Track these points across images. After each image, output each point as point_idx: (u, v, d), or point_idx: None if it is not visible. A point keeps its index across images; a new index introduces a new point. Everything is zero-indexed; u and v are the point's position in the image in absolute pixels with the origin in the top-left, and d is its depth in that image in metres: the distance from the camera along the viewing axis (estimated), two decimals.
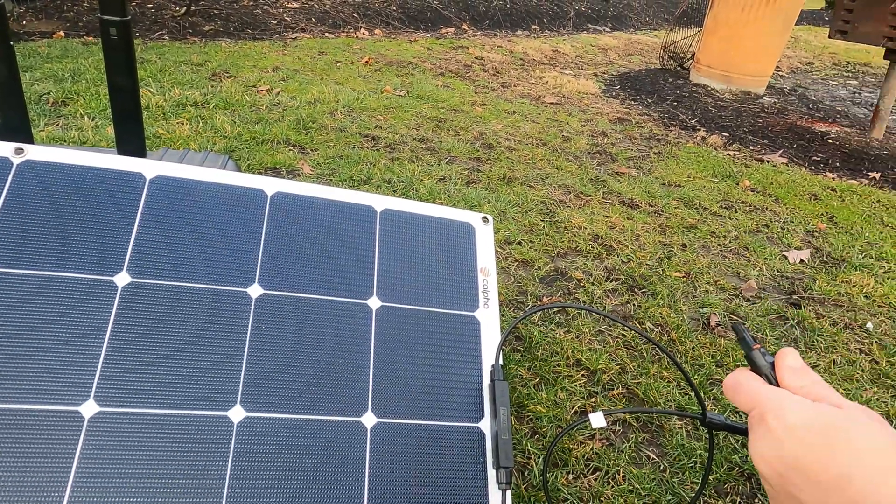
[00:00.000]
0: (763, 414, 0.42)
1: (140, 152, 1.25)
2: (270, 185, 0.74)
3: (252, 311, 0.66)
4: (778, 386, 0.45)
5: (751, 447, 0.43)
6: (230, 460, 0.59)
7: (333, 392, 0.66)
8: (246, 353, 0.64)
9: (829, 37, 3.42)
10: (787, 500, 0.40)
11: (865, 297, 1.76)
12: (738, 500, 1.04)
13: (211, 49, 3.52)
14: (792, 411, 0.41)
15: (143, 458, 0.57)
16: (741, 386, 0.46)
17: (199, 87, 2.79)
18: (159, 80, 2.80)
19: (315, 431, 0.63)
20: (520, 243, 1.80)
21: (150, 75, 2.85)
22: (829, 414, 0.40)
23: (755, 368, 0.47)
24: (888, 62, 3.24)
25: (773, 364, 0.47)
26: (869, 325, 1.63)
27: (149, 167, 0.70)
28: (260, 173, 2.10)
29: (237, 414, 0.61)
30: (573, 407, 1.20)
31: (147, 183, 0.69)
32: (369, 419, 0.66)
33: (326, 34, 4.47)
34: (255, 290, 0.67)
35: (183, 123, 2.34)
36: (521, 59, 4.54)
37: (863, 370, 1.44)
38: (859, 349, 1.52)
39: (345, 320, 0.69)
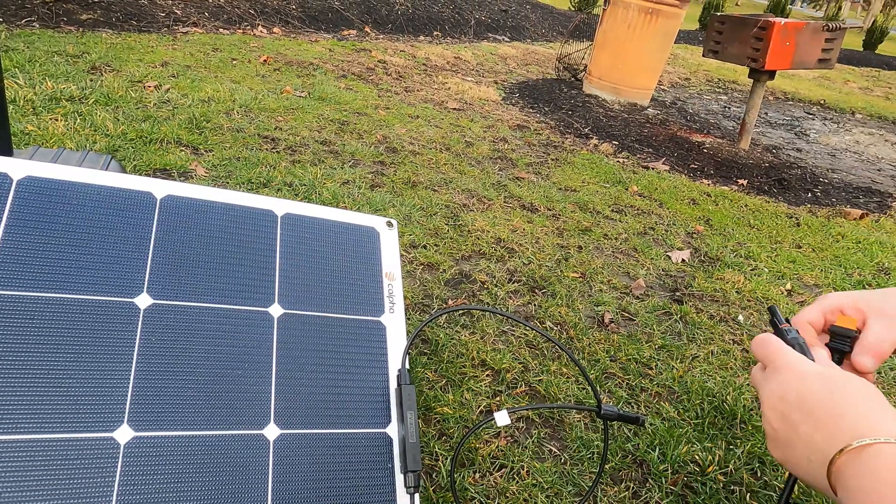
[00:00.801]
0: (781, 367, 0.51)
1: (6, 150, 1.13)
2: (160, 188, 0.69)
3: (140, 323, 0.61)
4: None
5: (763, 388, 0.51)
6: (116, 485, 0.55)
7: (232, 405, 0.63)
8: (133, 369, 0.59)
9: (703, 55, 3.75)
10: (784, 437, 0.48)
11: (737, 292, 1.94)
12: (632, 485, 1.11)
13: (89, 40, 3.25)
14: (801, 364, 0.51)
15: (13, 487, 0.51)
16: (770, 343, 0.55)
17: (76, 80, 2.56)
18: (28, 72, 2.54)
19: (212, 447, 0.60)
20: (425, 247, 1.82)
21: (16, 65, 2.58)
22: (830, 369, 0.50)
23: (783, 339, 0.57)
24: (752, 80, 3.60)
25: (798, 340, 0.56)
26: (740, 317, 1.80)
27: (16, 167, 0.63)
28: (148, 175, 1.96)
29: (124, 434, 0.57)
30: (479, 407, 1.22)
31: (14, 184, 0.62)
32: (272, 431, 0.63)
33: (221, 30, 4.27)
34: (143, 301, 0.63)
35: (57, 119, 2.13)
36: (423, 64, 4.59)
37: (735, 359, 1.58)
38: (732, 339, 1.68)
39: (244, 329, 0.66)
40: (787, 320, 0.61)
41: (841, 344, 0.60)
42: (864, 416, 0.44)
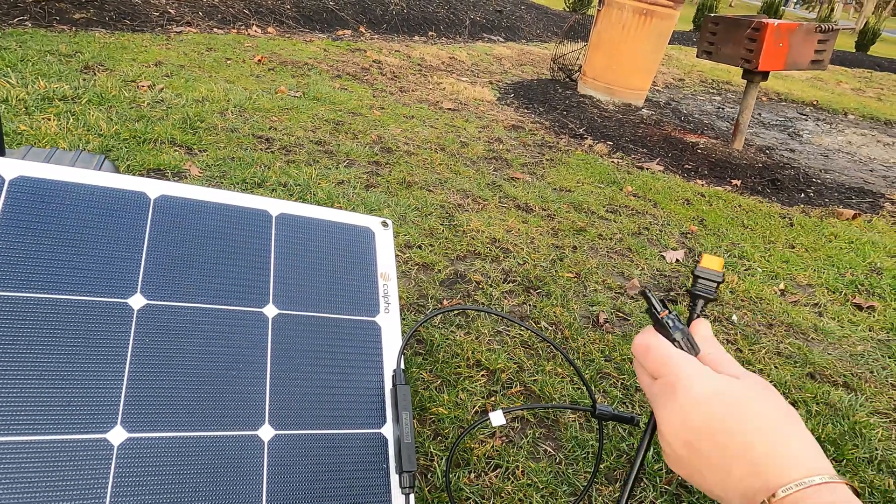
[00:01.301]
0: (673, 384, 0.44)
1: None
2: (154, 188, 0.69)
3: (134, 324, 0.61)
4: (685, 350, 0.47)
5: (660, 414, 0.44)
6: (110, 487, 0.55)
7: (226, 406, 0.62)
8: (127, 370, 0.59)
9: (697, 56, 3.76)
10: (694, 464, 0.43)
11: (731, 292, 1.95)
12: None
13: (82, 39, 3.23)
14: (699, 382, 0.43)
15: (6, 490, 0.51)
16: (652, 350, 0.47)
17: (69, 79, 2.55)
18: (20, 71, 2.52)
19: (207, 449, 0.60)
20: (420, 247, 1.82)
21: (8, 65, 2.56)
22: (731, 385, 0.43)
23: (664, 333, 0.48)
24: (745, 81, 3.62)
25: (681, 330, 0.48)
26: (734, 317, 1.80)
27: (8, 167, 0.63)
28: (142, 175, 1.95)
29: (117, 436, 0.57)
30: (474, 407, 1.22)
31: (6, 184, 0.62)
32: (266, 432, 0.63)
33: (215, 29, 4.25)
34: (136, 301, 0.62)
35: (50, 119, 2.12)
36: (418, 64, 4.59)
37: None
38: (726, 339, 1.68)
39: (239, 330, 0.66)
40: (666, 305, 0.50)
41: (705, 290, 0.52)
42: (782, 451, 0.40)
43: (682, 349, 0.48)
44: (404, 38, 5.70)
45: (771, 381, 1.51)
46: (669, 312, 0.49)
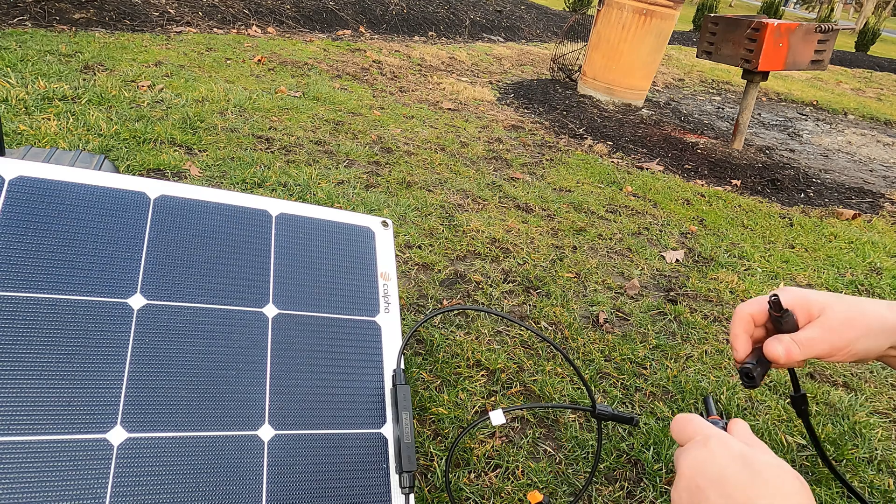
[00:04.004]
0: (707, 437, 0.49)
1: None
2: (154, 188, 0.69)
3: (133, 324, 0.61)
4: None
5: (684, 457, 0.48)
6: (109, 486, 0.55)
7: (226, 406, 0.62)
8: (127, 370, 0.59)
9: (697, 56, 3.77)
10: (685, 499, 0.46)
11: (730, 292, 1.95)
12: (627, 484, 1.11)
13: (82, 39, 3.23)
14: (731, 441, 0.48)
15: (6, 490, 0.51)
16: (692, 422, 0.52)
17: (69, 79, 2.55)
18: (20, 71, 2.52)
19: (207, 449, 0.60)
20: (420, 247, 1.82)
21: (8, 65, 2.56)
22: (760, 455, 0.47)
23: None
24: (745, 81, 3.62)
25: (724, 427, 0.53)
26: None
27: (8, 167, 0.63)
28: (142, 175, 1.95)
29: (117, 436, 0.57)
30: (474, 407, 1.22)
31: (6, 184, 0.62)
32: (266, 432, 0.63)
33: (215, 29, 4.25)
34: (136, 301, 0.62)
35: (49, 119, 2.12)
36: (418, 64, 4.59)
37: (730, 358, 1.59)
38: (726, 339, 1.68)
39: (238, 330, 0.66)
40: (721, 414, 0.59)
41: (777, 317, 0.57)
42: None
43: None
44: (404, 38, 5.70)
45: (771, 381, 1.51)
46: (719, 419, 0.55)
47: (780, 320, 0.56)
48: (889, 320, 0.57)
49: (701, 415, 0.56)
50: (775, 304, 0.56)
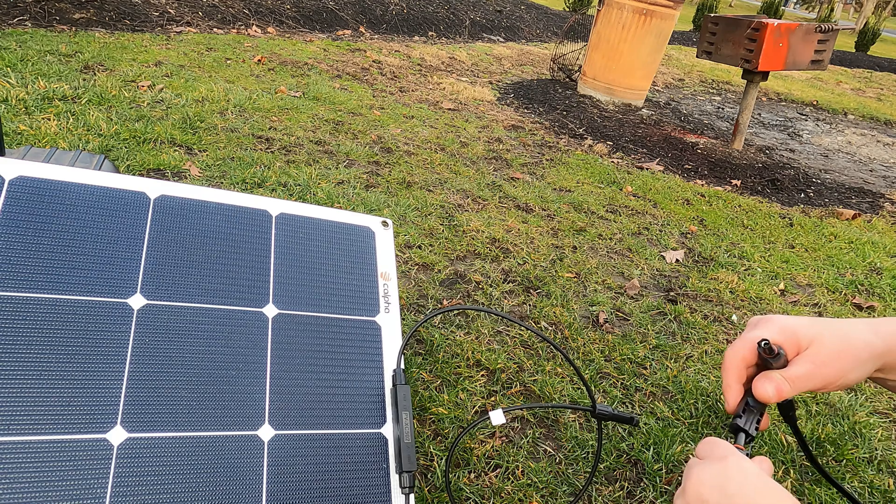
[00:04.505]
0: (727, 456, 0.49)
1: None
2: (154, 188, 0.69)
3: (133, 324, 0.61)
4: None
5: (697, 473, 0.49)
6: (109, 487, 0.55)
7: (226, 406, 0.62)
8: (127, 370, 0.59)
9: (697, 56, 3.76)
10: None
11: (730, 292, 1.95)
12: (627, 484, 1.11)
13: (82, 39, 3.23)
14: (749, 463, 0.48)
15: (6, 490, 0.51)
16: (718, 444, 0.52)
17: (69, 79, 2.55)
18: (20, 71, 2.52)
19: (207, 449, 0.60)
20: (420, 247, 1.82)
21: (8, 65, 2.56)
22: (770, 482, 0.47)
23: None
24: (745, 81, 3.62)
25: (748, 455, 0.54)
26: (734, 317, 1.80)
27: (8, 166, 0.63)
28: (142, 175, 1.95)
29: (117, 436, 0.57)
30: (474, 407, 1.22)
31: (6, 184, 0.62)
32: (266, 432, 0.63)
33: (215, 29, 4.25)
34: (136, 301, 0.62)
35: (50, 119, 2.12)
36: (418, 64, 4.59)
37: None
38: (726, 339, 1.68)
39: (238, 330, 0.66)
40: (746, 439, 0.58)
41: (767, 359, 0.57)
42: None
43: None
44: (404, 38, 5.70)
45: None
46: (746, 444, 0.56)
47: (770, 362, 0.56)
48: (875, 347, 0.57)
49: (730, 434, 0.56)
50: (766, 349, 0.55)
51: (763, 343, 0.55)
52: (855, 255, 2.44)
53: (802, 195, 3.22)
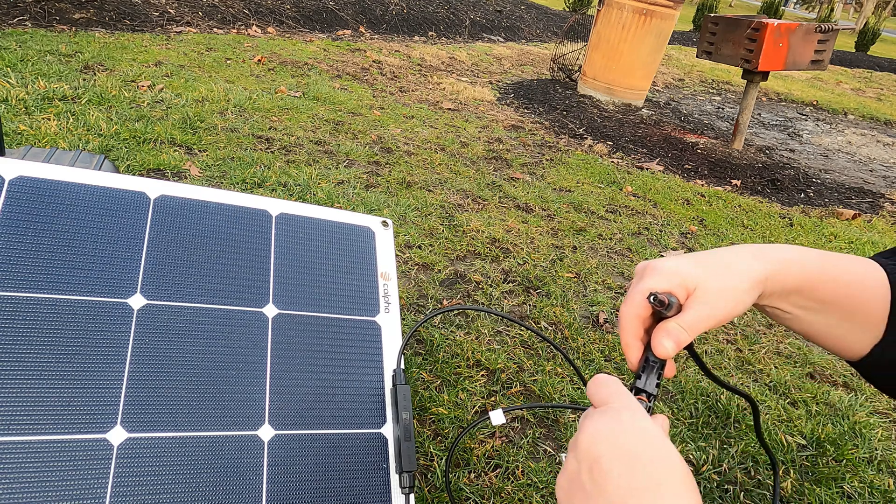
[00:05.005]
0: (619, 410, 0.46)
1: None
2: (154, 188, 0.69)
3: (133, 324, 0.61)
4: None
5: (592, 425, 0.46)
6: (109, 487, 0.55)
7: (226, 406, 0.62)
8: (127, 370, 0.59)
9: (697, 56, 3.76)
10: (586, 475, 0.44)
11: None
12: None
13: (82, 39, 3.23)
14: (647, 421, 0.46)
15: (5, 490, 0.51)
16: (611, 384, 0.50)
17: (69, 79, 2.55)
18: (20, 71, 2.52)
19: (207, 449, 0.60)
20: (420, 247, 1.82)
21: (8, 65, 2.56)
22: (664, 441, 0.45)
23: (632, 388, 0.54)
24: (745, 81, 3.62)
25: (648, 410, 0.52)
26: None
27: (8, 166, 0.63)
28: (142, 175, 1.95)
29: (117, 436, 0.57)
30: (474, 407, 1.22)
31: (6, 184, 0.62)
32: (266, 432, 0.63)
33: (215, 29, 4.25)
34: (136, 301, 0.62)
35: (50, 119, 2.12)
36: (418, 64, 4.59)
37: (729, 358, 1.59)
38: (726, 339, 1.68)
39: (238, 330, 0.66)
40: (651, 396, 0.55)
41: (661, 311, 0.55)
42: (645, 471, 0.41)
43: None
44: (404, 38, 5.70)
45: (771, 381, 1.51)
46: (649, 398, 0.54)
47: (663, 313, 0.54)
48: (756, 272, 0.56)
49: (638, 376, 0.54)
50: (657, 302, 0.53)
51: (651, 297, 0.53)
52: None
53: (802, 195, 3.22)
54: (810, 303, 0.61)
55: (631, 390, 0.54)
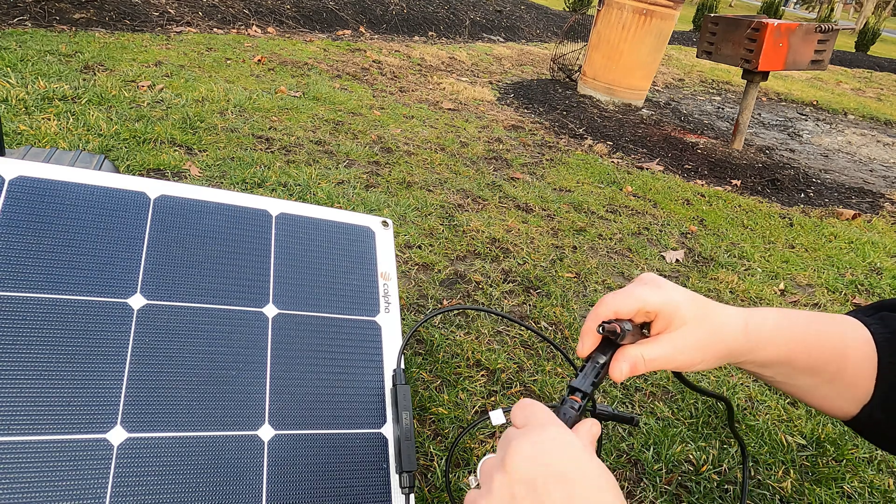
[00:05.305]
0: (543, 425, 0.47)
1: None
2: (154, 188, 0.69)
3: (133, 324, 0.61)
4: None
5: (516, 444, 0.45)
6: (109, 487, 0.55)
7: (227, 406, 0.62)
8: (127, 370, 0.59)
9: (697, 56, 3.76)
10: (526, 499, 0.43)
11: (731, 292, 1.95)
12: (627, 484, 1.11)
13: (82, 39, 3.23)
14: (570, 435, 0.46)
15: (5, 490, 0.51)
16: (536, 411, 0.50)
17: (69, 79, 2.55)
18: (20, 71, 2.52)
19: (207, 449, 0.60)
20: (420, 247, 1.82)
21: (8, 65, 2.56)
22: (589, 455, 0.45)
23: (556, 410, 0.54)
24: (745, 81, 3.62)
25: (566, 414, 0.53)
26: None
27: (8, 166, 0.63)
28: (142, 175, 1.95)
29: (117, 436, 0.57)
30: (474, 407, 1.22)
31: (6, 184, 0.62)
32: (266, 432, 0.63)
33: (215, 29, 4.25)
34: (136, 301, 0.62)
35: (50, 119, 2.12)
36: (418, 64, 4.59)
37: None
38: None
39: (238, 330, 0.66)
40: (586, 396, 0.55)
41: (613, 342, 0.55)
42: (587, 484, 0.42)
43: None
44: (404, 38, 5.70)
45: None
46: (574, 403, 0.54)
47: (616, 341, 0.54)
48: (738, 346, 0.58)
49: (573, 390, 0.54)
50: (611, 332, 0.53)
51: (601, 328, 0.53)
52: (855, 255, 2.44)
53: (802, 195, 3.22)
54: (794, 371, 0.62)
55: (568, 389, 0.55)
